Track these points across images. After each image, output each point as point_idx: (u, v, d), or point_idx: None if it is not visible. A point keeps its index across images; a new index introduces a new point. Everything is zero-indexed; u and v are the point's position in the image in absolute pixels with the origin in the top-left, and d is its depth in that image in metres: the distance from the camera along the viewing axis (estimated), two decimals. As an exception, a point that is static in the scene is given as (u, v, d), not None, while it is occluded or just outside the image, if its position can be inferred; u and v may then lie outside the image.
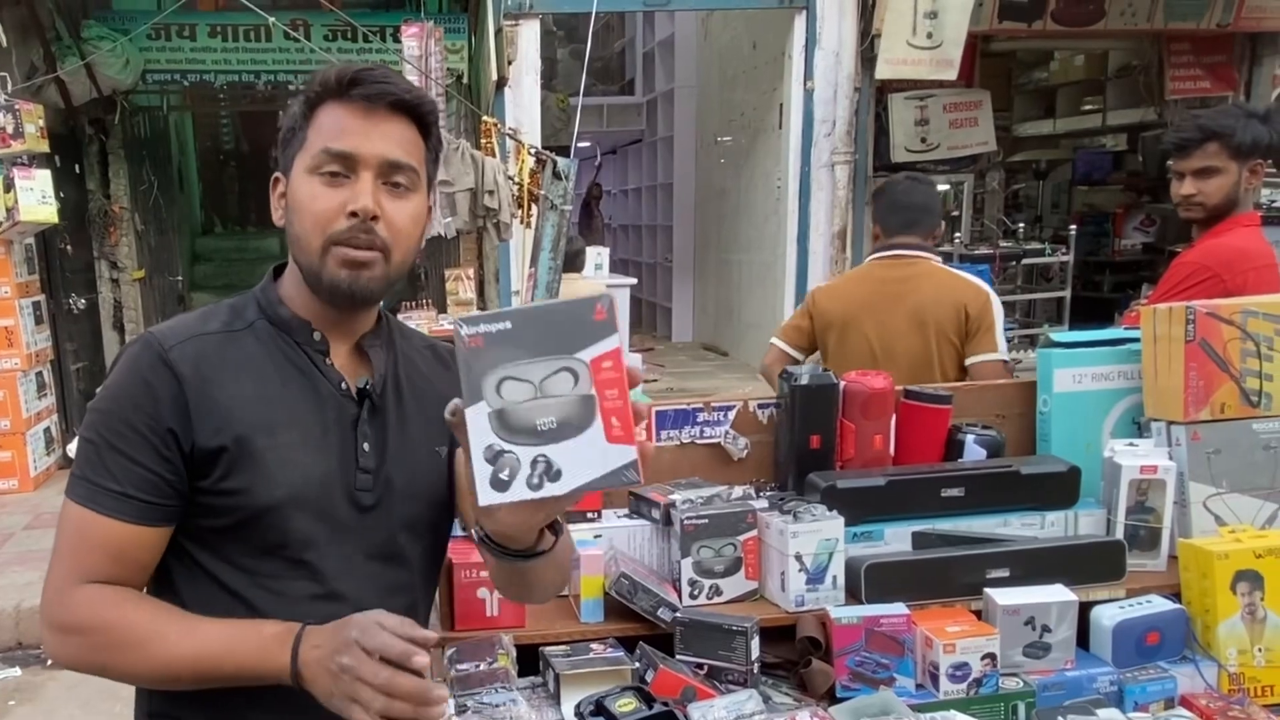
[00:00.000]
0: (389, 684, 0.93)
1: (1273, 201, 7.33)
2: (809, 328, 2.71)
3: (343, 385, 1.16)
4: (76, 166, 6.65)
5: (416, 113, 1.13)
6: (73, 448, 6.21)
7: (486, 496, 0.80)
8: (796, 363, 2.66)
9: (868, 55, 7.08)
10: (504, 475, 0.79)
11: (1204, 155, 2.28)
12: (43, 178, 5.19)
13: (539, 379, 0.79)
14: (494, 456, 0.79)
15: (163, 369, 1.08)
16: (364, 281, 1.10)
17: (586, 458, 0.79)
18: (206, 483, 1.08)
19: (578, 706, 1.28)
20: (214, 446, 1.07)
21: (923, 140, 7.44)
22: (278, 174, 1.16)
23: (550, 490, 0.79)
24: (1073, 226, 7.15)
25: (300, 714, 1.08)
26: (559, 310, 0.80)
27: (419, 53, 5.33)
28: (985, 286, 2.53)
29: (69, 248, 6.41)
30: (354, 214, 1.08)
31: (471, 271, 6.73)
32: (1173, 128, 2.53)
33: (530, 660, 1.46)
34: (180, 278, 8.20)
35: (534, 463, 0.79)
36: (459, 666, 1.38)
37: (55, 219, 5.33)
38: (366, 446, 1.15)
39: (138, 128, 7.15)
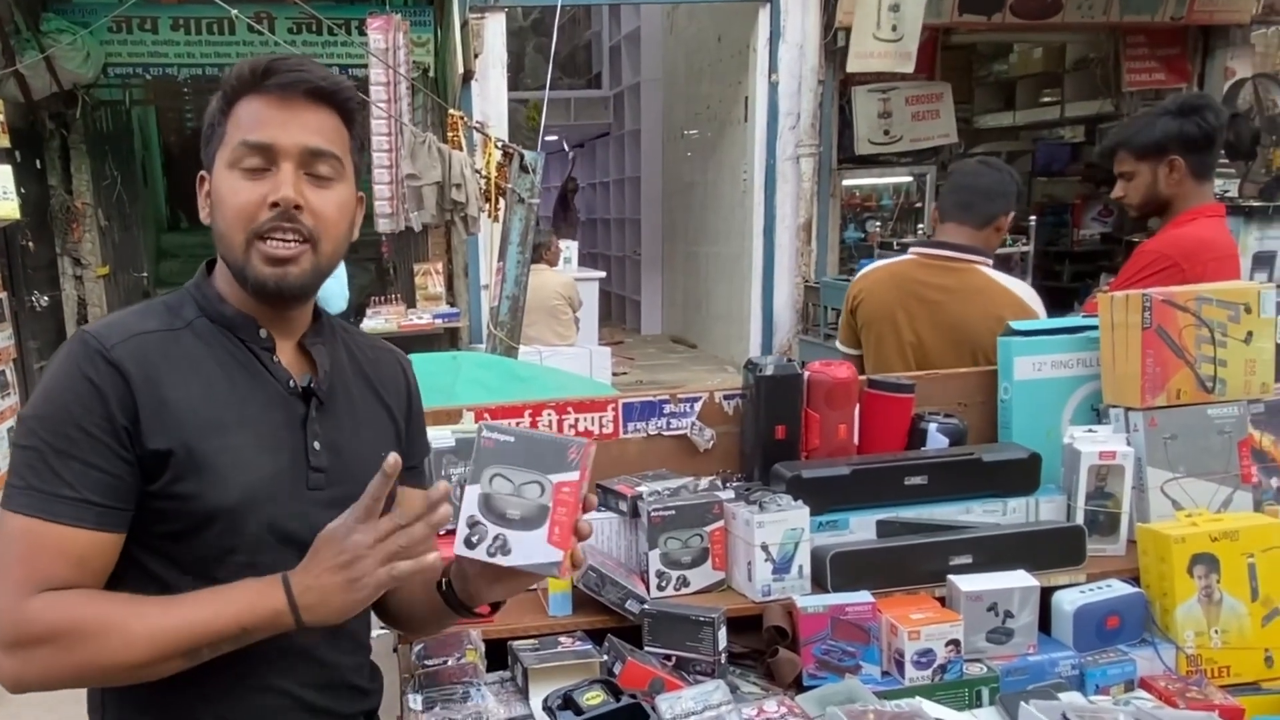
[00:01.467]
0: (402, 520, 0.99)
1: (1225, 191, 7.47)
2: (853, 323, 2.57)
3: (290, 383, 1.14)
4: (38, 161, 6.51)
5: (335, 100, 1.11)
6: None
7: (459, 548, 1.06)
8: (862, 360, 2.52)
9: (831, 48, 7.13)
10: (474, 539, 1.05)
11: (1119, 162, 2.41)
12: (3, 173, 5.06)
13: (519, 482, 1.06)
14: (472, 524, 1.06)
15: (106, 367, 1.03)
16: (292, 278, 1.09)
17: (529, 548, 1.06)
18: (155, 486, 1.04)
19: (546, 700, 1.28)
20: (163, 449, 1.03)
21: (885, 132, 7.51)
22: (202, 172, 1.14)
23: (498, 560, 1.05)
24: (1033, 217, 7.24)
25: (255, 714, 1.10)
26: (548, 442, 1.07)
27: (385, 45, 5.28)
28: (1031, 303, 2.35)
29: (31, 244, 6.28)
30: (275, 205, 1.06)
31: (440, 266, 6.69)
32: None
33: (499, 654, 1.46)
34: (145, 274, 8.05)
35: (495, 538, 1.05)
36: (426, 662, 1.37)
37: (17, 215, 5.21)
38: (317, 445, 1.13)
39: (99, 122, 7.01)
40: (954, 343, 2.34)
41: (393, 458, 1.00)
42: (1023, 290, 2.37)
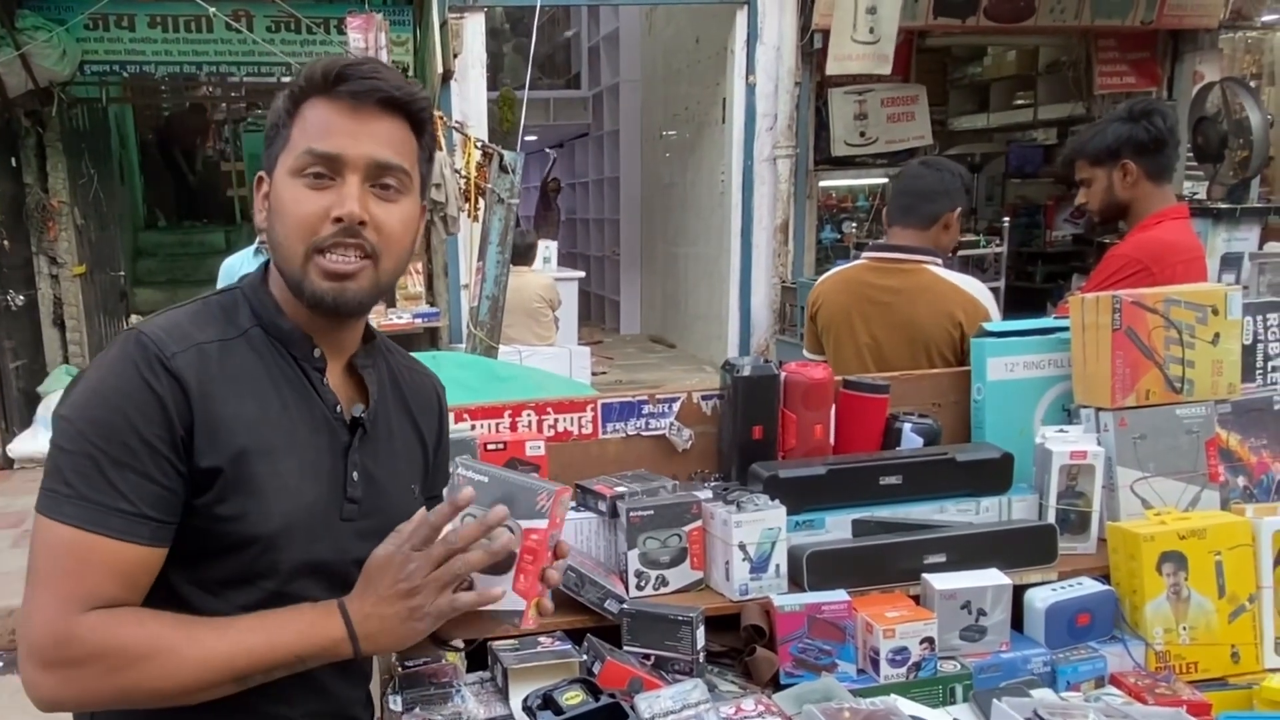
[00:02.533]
0: (457, 544, 0.97)
1: (1194, 194, 7.59)
2: (814, 328, 2.62)
3: (337, 409, 1.11)
4: (13, 160, 6.43)
5: (408, 110, 1.07)
6: (14, 447, 6.04)
7: None
8: None
9: (808, 50, 7.18)
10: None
11: (1078, 169, 2.49)
12: (-21, 171, 5.01)
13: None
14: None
15: (167, 377, 0.99)
16: (350, 294, 1.05)
17: (495, 590, 1.03)
18: (198, 502, 1.01)
19: (525, 700, 1.28)
20: (213, 466, 1.00)
21: (862, 134, 7.56)
22: (261, 173, 1.10)
23: (496, 590, 1.03)
24: (1006, 219, 7.32)
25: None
26: (521, 486, 1.05)
27: (364, 45, 5.26)
28: (981, 298, 2.39)
29: (6, 243, 6.21)
30: (339, 220, 1.02)
31: (420, 265, 6.66)
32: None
33: (478, 655, 1.46)
34: (122, 273, 7.97)
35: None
36: (406, 663, 1.37)
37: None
38: (355, 476, 1.11)
39: (76, 120, 6.93)
40: (908, 341, 2.40)
41: (467, 491, 1.01)
42: (972, 287, 2.42)
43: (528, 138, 11.10)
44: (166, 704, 0.99)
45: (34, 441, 5.91)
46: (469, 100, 6.75)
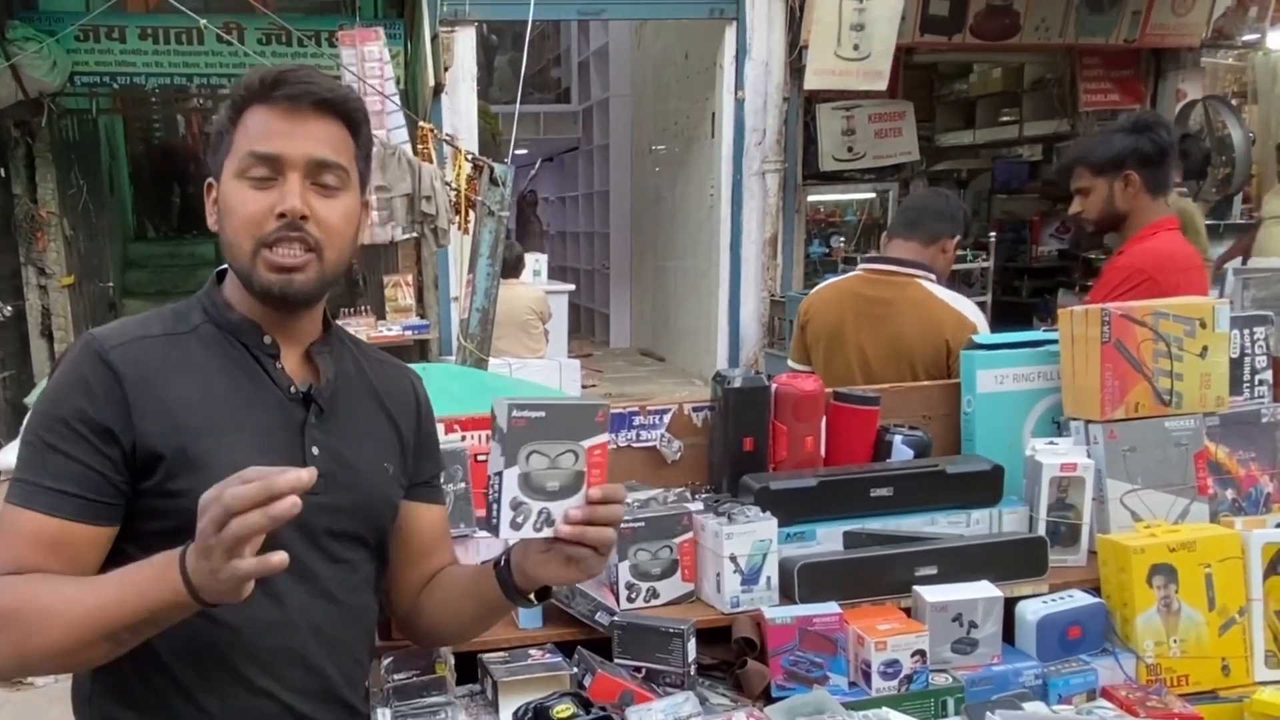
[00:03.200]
0: (232, 505, 0.87)
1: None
2: (804, 339, 2.63)
3: (291, 389, 1.16)
4: (2, 170, 6.42)
5: (342, 110, 1.14)
6: (3, 456, 5.98)
7: (505, 532, 1.09)
8: None
9: (796, 66, 7.22)
10: (519, 519, 1.08)
11: (1076, 178, 2.49)
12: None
13: (554, 455, 1.08)
14: (515, 505, 1.08)
15: (101, 367, 1.07)
16: (297, 285, 1.11)
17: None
18: (149, 484, 1.07)
19: (516, 713, 1.27)
20: (157, 447, 1.06)
21: (849, 149, 7.61)
22: (210, 180, 1.17)
23: (546, 532, 1.09)
24: (992, 234, 7.37)
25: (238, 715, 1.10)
26: (576, 409, 1.10)
27: (356, 59, 5.27)
28: (971, 316, 2.39)
29: (-6, 253, 6.20)
30: (282, 215, 1.09)
31: (410, 278, 6.67)
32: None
33: (468, 668, 1.45)
34: (111, 284, 7.95)
35: (540, 513, 1.09)
36: (395, 676, 1.36)
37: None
38: (315, 450, 1.14)
39: (66, 131, 6.93)
40: (894, 355, 2.41)
41: (289, 476, 0.89)
42: (961, 304, 2.43)
43: (518, 151, 11.12)
44: (57, 667, 1.05)
45: (18, 454, 5.85)
46: (459, 113, 6.76)
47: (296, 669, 1.14)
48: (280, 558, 0.91)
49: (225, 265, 1.20)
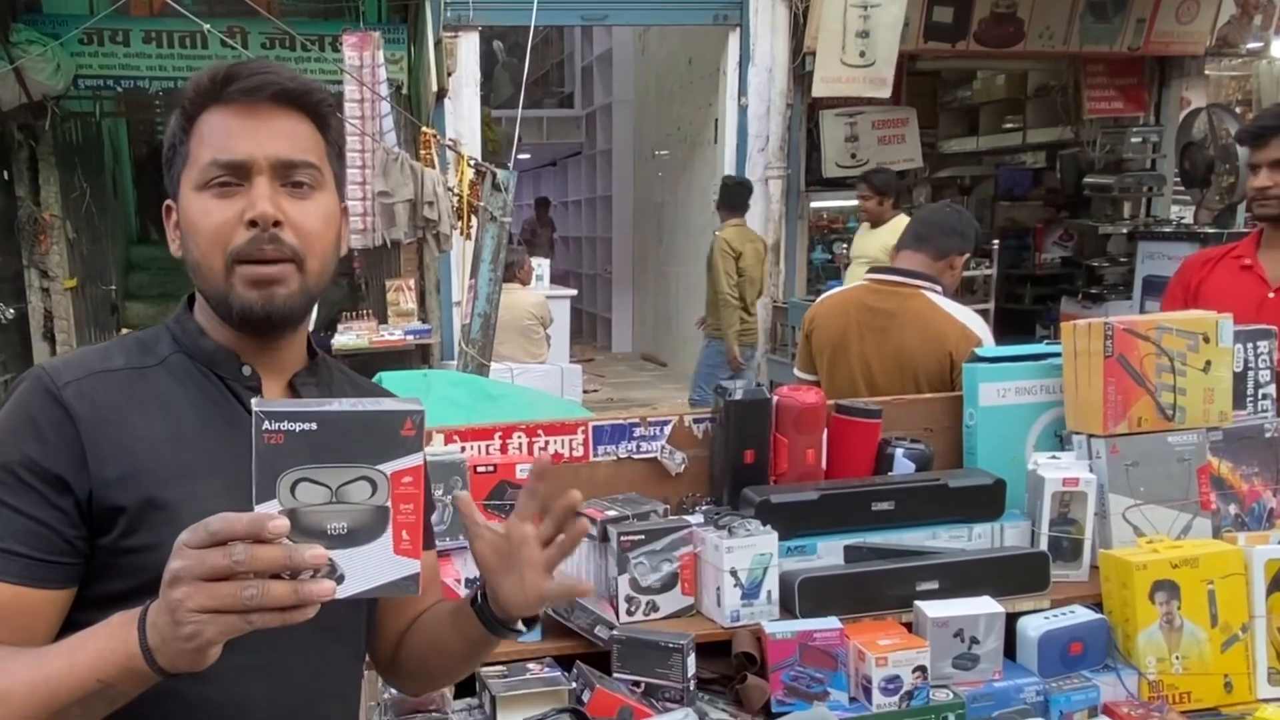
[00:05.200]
0: (248, 560, 0.72)
1: (1181, 218, 7.65)
2: (809, 349, 2.62)
3: None
4: (5, 173, 6.43)
5: (306, 103, 1.00)
6: None
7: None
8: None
9: (799, 72, 7.22)
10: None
11: (1274, 148, 2.21)
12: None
13: (336, 484, 0.78)
14: None
15: (54, 407, 0.93)
16: (280, 300, 0.97)
17: (372, 566, 0.80)
18: (107, 539, 0.92)
19: (513, 728, 1.27)
20: (116, 497, 0.92)
21: (853, 156, 7.60)
22: (168, 202, 1.03)
23: (340, 593, 0.78)
24: (995, 241, 7.35)
25: None
26: (368, 419, 0.79)
27: (359, 63, 5.27)
28: (975, 329, 2.36)
29: (-3, 256, 6.21)
30: (253, 223, 0.95)
31: (412, 282, 6.67)
32: (1258, 115, 2.44)
33: (466, 682, 1.44)
34: (114, 287, 7.93)
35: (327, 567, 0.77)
36: (393, 690, 1.36)
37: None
38: None
39: (69, 134, 6.93)
40: (898, 367, 2.39)
41: (279, 523, 0.74)
42: (966, 317, 2.40)
43: (521, 156, 11.13)
44: None
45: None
46: (462, 118, 6.76)
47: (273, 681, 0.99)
48: (313, 611, 0.76)
49: (193, 291, 1.06)
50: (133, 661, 0.78)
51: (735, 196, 5.93)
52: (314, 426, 0.77)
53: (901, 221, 5.24)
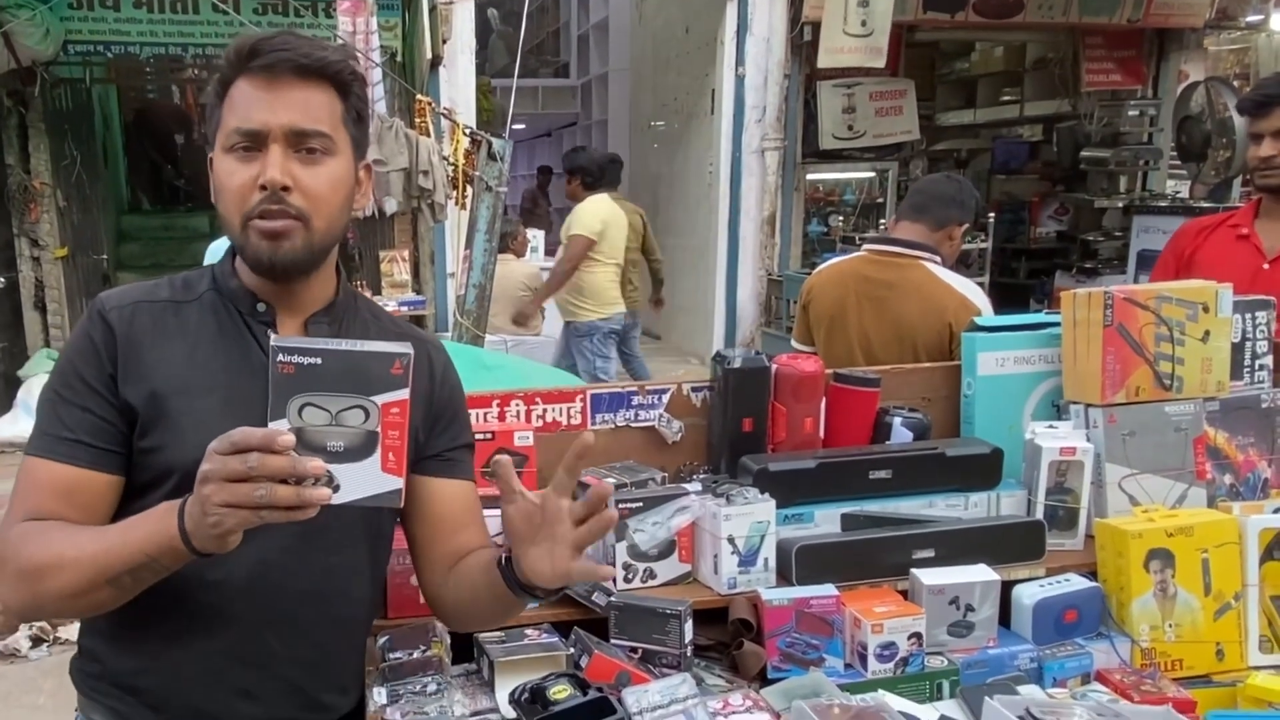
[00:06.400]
0: (260, 466, 0.89)
1: (1177, 192, 7.64)
2: (806, 320, 2.60)
3: None
4: (-5, 140, 6.37)
5: (325, 74, 1.12)
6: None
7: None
8: None
9: (797, 42, 7.17)
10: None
11: (1277, 117, 2.18)
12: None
13: (335, 410, 0.94)
14: None
15: (102, 325, 1.13)
16: (284, 252, 1.11)
17: (363, 479, 0.95)
18: (132, 439, 1.12)
19: (512, 694, 1.27)
20: (135, 403, 1.11)
21: (849, 128, 7.57)
22: (211, 154, 1.17)
23: (335, 499, 0.94)
24: (991, 214, 7.34)
25: (209, 658, 1.15)
26: (364, 358, 0.94)
27: (352, 29, 5.21)
28: (974, 299, 2.36)
29: (-13, 224, 6.14)
30: (264, 187, 1.09)
31: (406, 253, 6.62)
32: (1256, 85, 2.35)
33: (465, 647, 1.45)
34: (105, 256, 7.86)
35: (326, 476, 0.93)
36: (392, 655, 1.36)
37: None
38: None
39: (59, 100, 6.83)
40: (896, 338, 2.38)
41: (285, 438, 0.91)
42: (965, 287, 2.40)
43: (516, 126, 11.05)
44: (67, 609, 1.09)
45: (14, 426, 5.82)
46: (457, 87, 6.70)
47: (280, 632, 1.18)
48: (312, 512, 0.93)
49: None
50: (174, 542, 0.97)
51: (613, 173, 5.80)
52: (319, 361, 0.93)
53: (596, 203, 5.29)
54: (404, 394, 0.95)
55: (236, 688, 1.18)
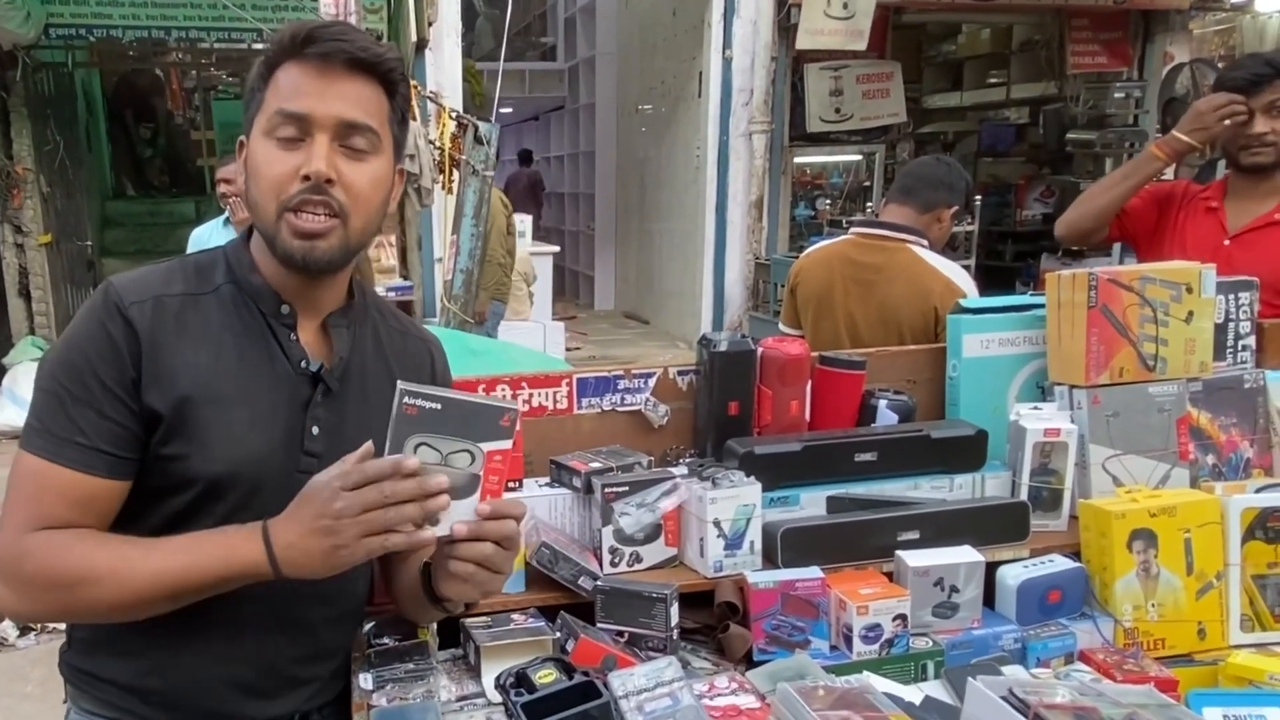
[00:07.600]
0: (394, 492, 0.96)
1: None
2: (794, 303, 2.60)
3: (303, 364, 1.14)
4: (-24, 125, 6.29)
5: (377, 70, 1.10)
6: None
7: None
8: None
9: (784, 25, 7.14)
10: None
11: (1276, 89, 2.20)
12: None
13: (446, 451, 1.01)
14: None
15: (122, 322, 1.06)
16: (319, 252, 1.08)
17: (461, 516, 1.03)
18: (149, 443, 1.08)
19: (498, 678, 1.27)
20: (159, 408, 1.06)
21: (837, 110, 7.55)
22: (242, 138, 1.14)
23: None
24: (977, 197, 7.34)
25: (219, 661, 1.15)
26: (478, 409, 1.02)
27: (335, 11, 5.15)
28: (961, 283, 2.34)
29: (-32, 211, 6.07)
30: (307, 178, 1.06)
31: (393, 238, 6.60)
32: (1235, 65, 2.35)
33: (451, 633, 1.45)
34: (89, 243, 7.81)
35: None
36: (378, 640, 1.36)
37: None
38: (315, 430, 1.13)
39: (41, 85, 6.75)
40: (882, 321, 2.38)
41: (411, 461, 0.98)
42: (952, 271, 2.39)
43: (503, 110, 10.98)
44: (110, 619, 1.08)
45: (1, 413, 5.79)
46: (444, 70, 6.66)
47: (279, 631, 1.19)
48: (431, 534, 1.01)
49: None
50: (259, 568, 1.02)
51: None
52: (439, 406, 1.00)
53: None
54: (508, 444, 1.03)
55: (247, 687, 1.19)
